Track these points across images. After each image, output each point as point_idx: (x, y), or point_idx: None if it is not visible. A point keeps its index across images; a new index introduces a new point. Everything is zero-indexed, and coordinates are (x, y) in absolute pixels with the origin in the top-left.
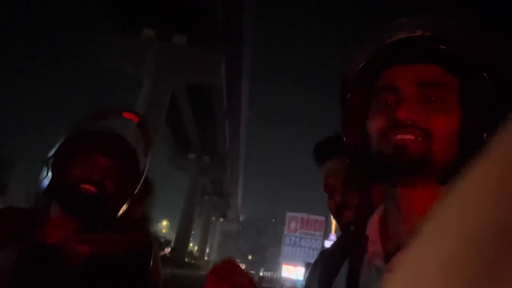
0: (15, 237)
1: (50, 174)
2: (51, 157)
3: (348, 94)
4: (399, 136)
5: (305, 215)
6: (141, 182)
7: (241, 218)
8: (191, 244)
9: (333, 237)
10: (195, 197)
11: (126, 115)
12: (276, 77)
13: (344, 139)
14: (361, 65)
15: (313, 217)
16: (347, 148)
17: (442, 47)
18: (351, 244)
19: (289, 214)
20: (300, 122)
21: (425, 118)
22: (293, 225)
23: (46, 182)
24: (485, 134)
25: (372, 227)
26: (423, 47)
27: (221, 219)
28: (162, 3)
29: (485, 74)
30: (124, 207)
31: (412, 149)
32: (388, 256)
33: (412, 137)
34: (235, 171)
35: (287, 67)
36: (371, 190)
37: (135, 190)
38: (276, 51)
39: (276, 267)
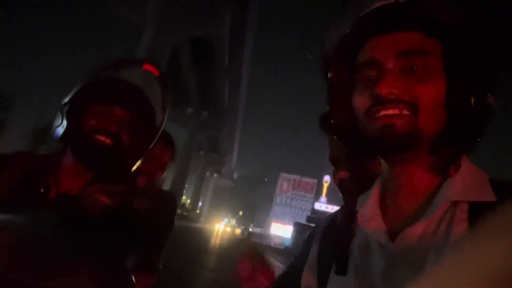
0: (28, 183)
1: (65, 122)
2: (66, 104)
3: (329, 73)
4: (383, 112)
5: (297, 177)
6: (157, 137)
7: (235, 175)
8: (184, 197)
9: (323, 199)
10: (190, 152)
11: (146, 67)
12: (280, 35)
13: (331, 118)
14: (338, 41)
15: (305, 179)
16: (334, 127)
17: (418, 11)
18: (341, 220)
19: (282, 175)
20: (301, 85)
21: (409, 90)
22: (285, 185)
23: (60, 130)
24: (472, 98)
25: (371, 203)
26: (399, 15)
27: (215, 175)
28: None
29: (464, 34)
30: (139, 162)
31: (399, 127)
32: (392, 232)
33: (396, 112)
34: (232, 128)
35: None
36: (362, 166)
37: (150, 145)
38: (283, 7)
39: (265, 224)
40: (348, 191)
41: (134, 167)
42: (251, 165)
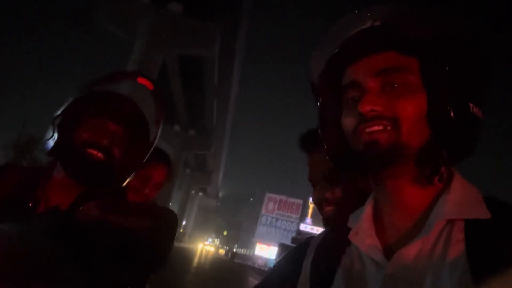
0: (17, 197)
1: (56, 134)
2: (57, 116)
3: (318, 97)
4: (367, 130)
5: (283, 197)
6: (149, 152)
7: (220, 194)
8: None
9: (309, 220)
10: (176, 170)
11: (141, 80)
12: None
13: (323, 140)
14: (321, 70)
15: (291, 199)
16: (326, 148)
17: (392, 33)
18: (334, 238)
19: (268, 195)
20: (288, 105)
21: (390, 105)
22: (271, 205)
23: (51, 142)
24: (451, 108)
25: (365, 220)
26: (375, 37)
27: (200, 194)
28: None
29: (437, 48)
30: (131, 177)
31: (382, 142)
32: (387, 250)
33: (380, 128)
34: (219, 147)
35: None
36: (353, 185)
37: (143, 160)
38: (273, 29)
39: (250, 245)
40: (339, 210)
41: (126, 182)
42: (237, 184)
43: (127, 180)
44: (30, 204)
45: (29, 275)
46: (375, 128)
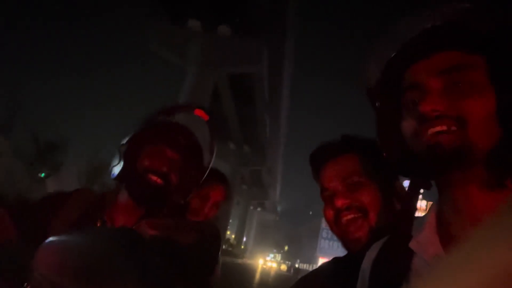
0: (87, 218)
1: (122, 161)
2: (123, 145)
3: (376, 102)
4: (430, 131)
5: None
6: (204, 176)
7: (278, 209)
8: (228, 232)
9: None
10: (233, 187)
11: (197, 112)
12: (318, 68)
13: (382, 146)
14: (379, 73)
15: None
16: (386, 154)
17: (454, 31)
18: (394, 248)
19: None
20: (341, 114)
21: (455, 105)
22: None
23: (117, 169)
24: None
25: (428, 228)
26: (436, 37)
27: (259, 209)
28: None
29: (503, 42)
30: (187, 199)
31: (447, 143)
32: None
33: (444, 128)
34: (274, 162)
35: (329, 58)
36: (416, 194)
37: (197, 184)
38: (319, 41)
39: (312, 259)
40: (404, 218)
41: (182, 203)
42: (294, 198)
43: (184, 201)
44: (98, 224)
45: (96, 283)
46: (438, 128)
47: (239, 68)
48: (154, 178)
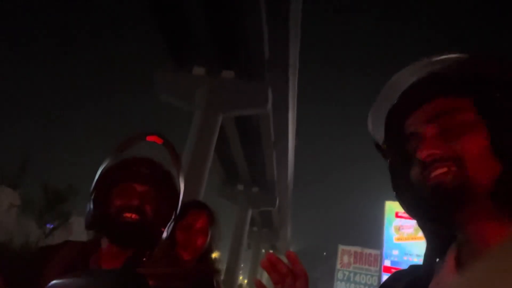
0: (74, 268)
1: (91, 208)
2: (92, 191)
3: (385, 157)
4: (432, 175)
5: (358, 249)
6: (179, 202)
7: (291, 250)
8: (241, 277)
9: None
10: (243, 228)
11: (149, 138)
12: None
13: (396, 195)
14: (381, 127)
15: (367, 250)
16: (400, 202)
17: (442, 80)
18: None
19: (341, 248)
20: (349, 152)
21: (451, 147)
22: (346, 259)
23: (89, 216)
24: (506, 136)
25: (447, 269)
26: (426, 87)
27: (271, 251)
28: (210, 42)
29: (488, 86)
30: (166, 231)
31: (448, 182)
32: None
33: (444, 170)
34: (284, 202)
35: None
36: (436, 235)
37: (175, 210)
38: (323, 77)
39: None
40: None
41: (164, 234)
42: (307, 238)
43: (164, 234)
44: None
45: None
46: (439, 171)
47: (245, 110)
48: (129, 215)
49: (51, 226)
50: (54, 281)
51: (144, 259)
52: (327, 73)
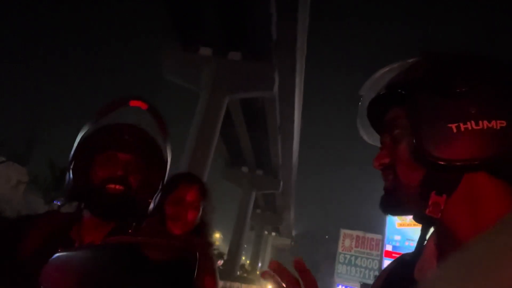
0: (53, 240)
1: (72, 178)
2: (71, 160)
3: None
4: (384, 181)
5: (360, 233)
6: (167, 171)
7: (293, 233)
8: (243, 258)
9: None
10: (247, 211)
11: (133, 103)
12: (330, 89)
13: None
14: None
15: (369, 235)
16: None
17: (388, 92)
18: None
19: (343, 231)
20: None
21: (392, 155)
22: (347, 242)
23: (70, 187)
24: (423, 141)
25: (427, 254)
26: (381, 101)
27: (273, 234)
28: (218, 22)
29: (404, 92)
30: (153, 202)
31: (388, 189)
32: None
33: (386, 177)
34: (287, 185)
35: (341, 78)
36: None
37: (162, 180)
38: (331, 62)
39: (330, 285)
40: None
41: (151, 206)
42: (310, 222)
43: (151, 205)
44: (66, 245)
45: None
46: (385, 179)
47: (251, 92)
48: (112, 186)
49: (59, 203)
50: (58, 254)
51: (129, 231)
52: (336, 59)
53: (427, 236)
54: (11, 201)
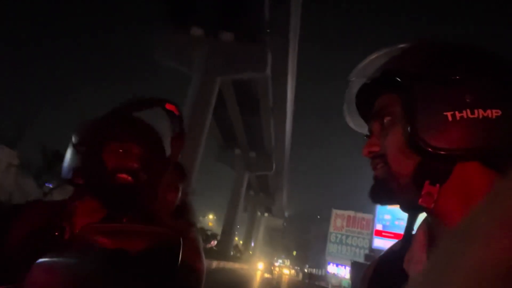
0: (45, 227)
1: (80, 159)
2: (80, 142)
3: None
4: (373, 169)
5: (351, 213)
6: (168, 169)
7: (286, 214)
8: (236, 238)
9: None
10: (240, 192)
11: (169, 106)
12: (322, 72)
13: None
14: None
15: (360, 215)
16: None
17: (379, 79)
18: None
19: (335, 211)
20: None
21: (382, 143)
22: (339, 222)
23: (77, 167)
24: (419, 129)
25: (417, 245)
26: (370, 88)
27: (266, 214)
28: (210, 1)
29: (399, 79)
30: (156, 196)
31: (379, 177)
32: None
33: (376, 166)
34: (280, 167)
35: (334, 61)
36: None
37: (162, 177)
38: (324, 44)
39: (320, 264)
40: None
41: (153, 201)
42: (302, 202)
43: (154, 199)
44: (56, 233)
45: None
46: (373, 166)
47: (243, 74)
48: (124, 176)
49: (51, 186)
50: (40, 260)
51: (124, 220)
52: (330, 41)
53: (414, 225)
54: (2, 184)
